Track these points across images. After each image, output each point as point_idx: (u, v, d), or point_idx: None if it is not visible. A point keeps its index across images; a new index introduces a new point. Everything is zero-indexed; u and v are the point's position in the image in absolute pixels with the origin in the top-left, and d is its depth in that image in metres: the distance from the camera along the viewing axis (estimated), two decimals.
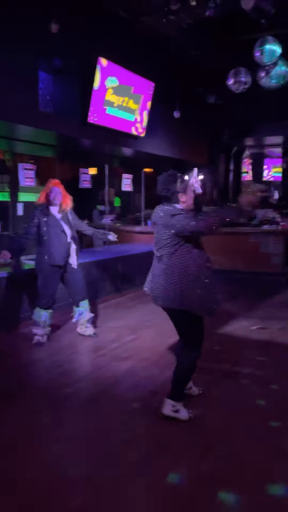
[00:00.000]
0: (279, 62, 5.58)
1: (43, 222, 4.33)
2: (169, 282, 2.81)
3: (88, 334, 4.67)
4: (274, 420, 2.98)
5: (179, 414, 2.95)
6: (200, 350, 2.98)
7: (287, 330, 5.12)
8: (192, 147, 8.97)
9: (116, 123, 6.30)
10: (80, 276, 4.61)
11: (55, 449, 2.64)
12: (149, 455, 2.59)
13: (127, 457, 2.55)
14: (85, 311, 4.65)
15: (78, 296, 4.60)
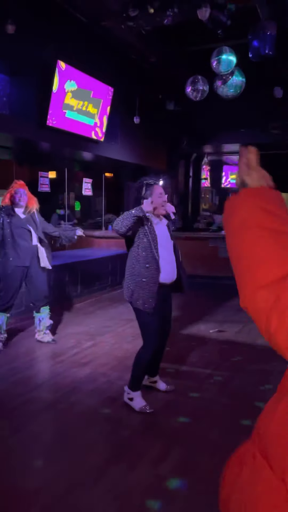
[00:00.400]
0: (236, 72, 5.74)
1: (7, 223, 4.24)
2: (125, 277, 3.15)
3: (47, 340, 4.58)
4: (234, 421, 3.04)
5: (133, 403, 3.16)
6: (151, 349, 3.13)
7: (244, 333, 5.25)
8: (152, 153, 9.06)
9: (76, 127, 6.26)
10: (45, 280, 4.52)
11: (11, 459, 2.57)
12: (108, 460, 2.57)
13: (85, 463, 2.52)
14: (46, 317, 4.57)
15: (40, 301, 4.50)
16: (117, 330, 5.18)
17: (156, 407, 3.23)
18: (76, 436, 2.85)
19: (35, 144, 6.31)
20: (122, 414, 3.13)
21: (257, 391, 3.55)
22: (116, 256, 7.73)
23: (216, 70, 5.38)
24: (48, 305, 4.59)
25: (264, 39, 4.57)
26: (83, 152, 7.12)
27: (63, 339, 4.78)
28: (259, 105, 8.50)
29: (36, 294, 4.48)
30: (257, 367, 4.11)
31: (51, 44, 5.74)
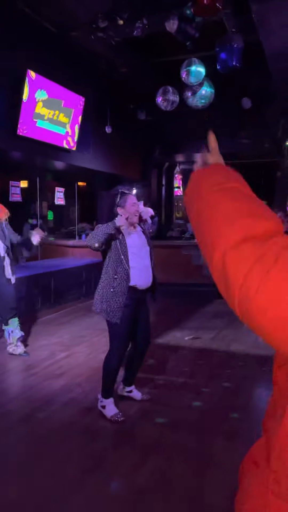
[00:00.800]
0: (205, 83, 5.86)
1: None
2: (96, 289, 3.24)
3: (19, 353, 4.49)
4: (206, 431, 3.05)
5: (105, 410, 3.16)
6: (116, 356, 3.14)
7: (218, 339, 5.31)
8: (124, 162, 9.10)
9: (47, 136, 6.23)
10: (12, 291, 4.44)
11: None
12: (84, 471, 2.53)
13: (62, 476, 2.47)
14: (15, 329, 4.48)
15: (8, 314, 4.42)
16: (92, 340, 5.13)
17: (131, 416, 3.21)
18: (52, 448, 2.80)
19: (6, 153, 6.24)
20: (98, 425, 3.10)
21: (231, 397, 3.59)
22: (91, 265, 7.69)
23: (186, 81, 5.48)
24: (17, 317, 4.49)
25: (231, 51, 4.69)
26: (55, 161, 7.08)
27: (37, 351, 4.70)
28: (228, 115, 8.69)
29: (3, 307, 4.38)
30: (232, 372, 4.15)
31: (20, 53, 5.71)
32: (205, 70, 5.54)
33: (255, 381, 4.01)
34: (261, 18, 4.61)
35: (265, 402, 3.38)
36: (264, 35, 5.03)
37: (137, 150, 9.72)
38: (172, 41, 5.02)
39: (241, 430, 3.03)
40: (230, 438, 2.94)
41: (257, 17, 4.59)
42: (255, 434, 2.83)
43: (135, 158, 9.74)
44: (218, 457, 2.72)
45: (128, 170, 9.41)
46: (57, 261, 7.51)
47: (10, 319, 4.43)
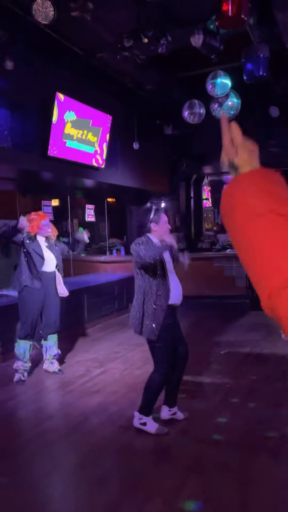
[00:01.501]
0: (231, 94, 5.85)
1: (30, 251, 4.32)
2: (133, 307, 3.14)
3: (52, 370, 4.51)
4: (245, 448, 2.95)
5: (147, 427, 3.11)
6: (162, 375, 3.08)
7: (255, 352, 5.17)
8: (152, 176, 9.15)
9: (76, 155, 6.35)
10: (59, 307, 4.52)
11: (25, 493, 2.50)
12: (122, 493, 2.49)
13: (100, 496, 2.44)
14: (53, 345, 4.52)
15: (50, 329, 4.47)
16: (127, 355, 5.12)
17: (169, 435, 3.15)
18: (90, 468, 2.78)
19: (37, 174, 6.40)
20: (135, 444, 3.06)
21: (273, 414, 3.47)
22: (123, 280, 7.71)
23: (212, 93, 5.48)
24: (57, 334, 4.55)
25: (258, 62, 4.66)
26: (85, 180, 7.20)
27: (72, 367, 4.72)
28: (256, 124, 8.60)
29: (47, 321, 4.45)
30: (272, 388, 4.02)
31: (49, 77, 5.89)
32: (231, 82, 5.53)
33: None
34: (286, 26, 4.58)
35: None
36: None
37: (164, 164, 9.77)
38: (196, 54, 5.04)
39: (283, 448, 2.92)
40: (273, 456, 2.83)
41: (282, 26, 4.56)
42: None
43: (163, 172, 9.78)
44: (260, 475, 2.62)
45: (156, 184, 9.45)
46: (89, 277, 7.58)
47: (50, 334, 4.48)
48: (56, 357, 4.56)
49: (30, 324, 4.32)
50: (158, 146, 9.09)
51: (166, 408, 3.34)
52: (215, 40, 4.55)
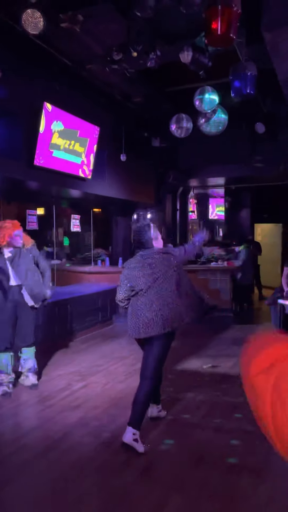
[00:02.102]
0: (218, 110, 5.90)
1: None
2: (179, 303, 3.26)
3: (28, 385, 4.38)
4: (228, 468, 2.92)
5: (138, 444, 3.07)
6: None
7: (238, 367, 5.15)
8: (139, 188, 9.16)
9: (63, 165, 6.32)
10: (30, 320, 4.38)
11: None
12: (106, 511, 2.43)
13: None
14: (29, 358, 4.40)
15: (23, 342, 4.35)
16: (109, 369, 5.05)
17: (151, 452, 3.10)
18: (69, 487, 2.70)
19: (23, 183, 6.34)
20: (116, 461, 2.99)
21: (254, 430, 3.44)
22: (107, 292, 7.65)
23: (199, 108, 5.53)
24: (34, 346, 4.43)
25: (245, 79, 4.73)
26: (71, 190, 7.16)
27: (53, 380, 4.63)
28: (242, 140, 8.74)
29: (18, 335, 4.32)
30: None
31: (37, 87, 5.87)
32: (218, 98, 5.59)
33: None
34: (274, 46, 4.66)
35: None
36: (278, 62, 5.07)
37: (151, 176, 9.80)
38: (184, 70, 5.10)
39: (267, 465, 2.89)
40: (255, 473, 2.80)
41: (270, 45, 4.64)
42: (281, 468, 2.70)
43: (150, 184, 9.81)
44: (243, 493, 2.58)
45: (143, 196, 9.47)
46: (73, 288, 7.51)
47: (25, 347, 4.36)
48: (33, 370, 4.43)
49: (7, 337, 4.21)
50: (145, 158, 9.12)
51: (154, 406, 3.55)
52: (203, 57, 4.60)
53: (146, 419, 3.33)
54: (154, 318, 3.15)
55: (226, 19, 3.59)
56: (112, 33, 4.79)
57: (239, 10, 3.68)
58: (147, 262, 3.27)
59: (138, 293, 3.24)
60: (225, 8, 3.57)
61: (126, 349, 5.99)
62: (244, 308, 9.20)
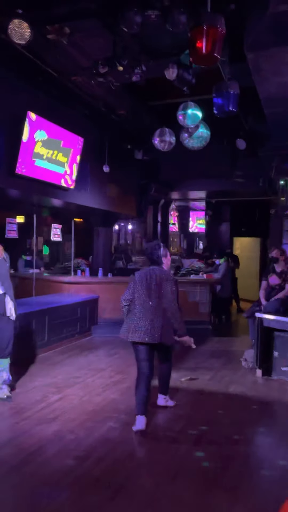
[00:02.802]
0: (201, 125, 6.00)
1: None
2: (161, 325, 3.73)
3: (2, 397, 4.28)
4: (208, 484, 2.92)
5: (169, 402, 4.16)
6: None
7: (216, 380, 5.18)
8: (121, 199, 9.19)
9: (45, 175, 6.30)
10: (9, 331, 4.29)
11: None
12: None
13: None
14: (3, 370, 4.29)
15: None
16: (86, 381, 5.00)
17: (127, 467, 3.08)
18: (43, 502, 2.65)
19: (3, 191, 6.28)
20: (91, 476, 2.95)
21: (231, 445, 3.46)
22: (86, 302, 7.61)
23: (182, 123, 5.61)
24: (8, 358, 4.33)
25: (228, 97, 4.83)
26: (53, 199, 7.13)
27: (29, 393, 4.54)
28: (223, 155, 8.89)
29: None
30: (231, 417, 4.02)
31: (22, 96, 5.87)
32: (201, 113, 5.68)
33: (256, 426, 3.89)
34: (256, 66, 4.80)
35: (267, 449, 3.27)
36: (259, 81, 5.22)
37: (133, 187, 9.86)
38: (169, 85, 5.19)
39: (242, 481, 2.90)
40: (230, 490, 2.80)
41: (252, 65, 4.78)
42: (255, 484, 2.73)
43: (132, 195, 9.86)
44: (219, 510, 2.58)
45: (125, 207, 9.50)
46: (51, 298, 7.43)
47: (1, 359, 4.27)
48: (7, 382, 4.33)
49: None
50: (128, 170, 9.18)
51: (161, 396, 4.17)
52: (187, 74, 4.69)
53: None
54: (140, 327, 3.68)
55: (210, 39, 3.68)
56: (99, 46, 4.85)
57: (224, 30, 3.78)
58: (149, 276, 3.78)
59: (135, 300, 3.77)
60: (210, 28, 3.66)
61: (104, 361, 5.94)
62: (222, 320, 9.27)
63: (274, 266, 5.97)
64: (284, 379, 5.17)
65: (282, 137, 7.48)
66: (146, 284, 3.76)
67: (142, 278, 3.81)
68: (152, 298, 3.74)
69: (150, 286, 3.75)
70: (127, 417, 3.94)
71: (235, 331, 8.60)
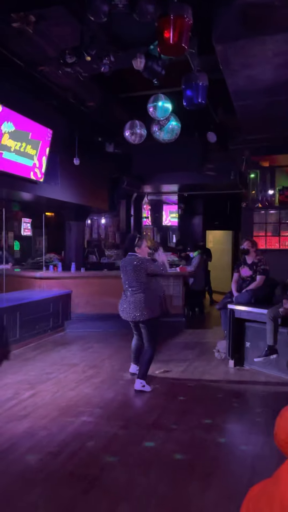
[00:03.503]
0: (171, 118, 5.98)
1: None
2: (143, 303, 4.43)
3: None
4: (182, 472, 2.93)
5: (145, 388, 4.44)
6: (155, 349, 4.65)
7: (189, 372, 5.22)
8: (93, 193, 9.09)
9: (13, 167, 6.15)
10: None
11: None
12: None
13: None
14: None
15: None
16: (59, 376, 4.94)
17: (101, 460, 3.06)
18: (15, 499, 2.60)
19: None
20: (64, 471, 2.92)
21: (204, 434, 3.49)
22: (58, 297, 7.52)
23: (153, 116, 5.57)
24: None
25: (197, 89, 4.82)
26: (22, 193, 6.98)
27: (0, 390, 4.46)
28: (194, 148, 8.92)
29: None
30: (204, 407, 4.06)
31: None
32: (171, 106, 5.66)
33: (228, 415, 3.94)
34: (225, 58, 4.80)
35: (238, 437, 3.31)
36: (228, 74, 5.22)
37: (105, 181, 9.77)
38: (139, 77, 5.14)
39: (215, 468, 2.93)
40: (204, 477, 2.83)
41: (221, 57, 4.77)
42: (227, 471, 2.74)
43: (104, 189, 9.77)
44: (191, 499, 2.60)
45: (97, 200, 9.41)
46: (23, 294, 7.30)
47: None
48: None
49: None
50: (99, 163, 9.09)
51: (138, 381, 4.48)
52: (157, 65, 4.65)
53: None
54: (123, 308, 4.55)
55: (178, 29, 3.65)
56: (66, 35, 4.74)
57: (191, 20, 3.75)
58: (125, 264, 4.51)
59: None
60: (177, 18, 3.63)
61: (77, 356, 5.89)
62: (196, 313, 9.35)
63: (245, 258, 6.04)
64: (256, 369, 5.26)
65: (251, 130, 7.55)
66: (124, 271, 4.52)
67: (122, 266, 4.59)
68: (128, 282, 4.48)
69: (126, 272, 4.48)
70: (101, 411, 3.92)
71: (208, 323, 8.70)
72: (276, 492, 0.97)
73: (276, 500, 0.95)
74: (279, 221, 8.69)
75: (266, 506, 0.98)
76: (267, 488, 1.04)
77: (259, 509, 0.99)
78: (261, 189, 8.93)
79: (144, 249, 4.55)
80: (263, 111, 6.41)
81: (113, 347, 6.28)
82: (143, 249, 4.54)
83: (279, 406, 1.29)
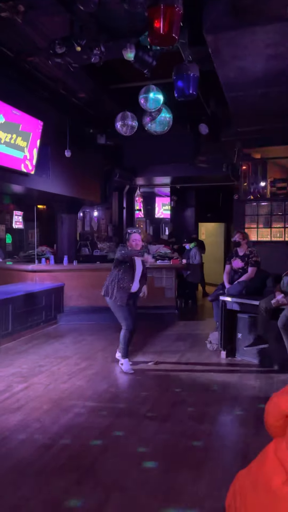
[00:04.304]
0: (163, 109, 5.95)
1: None
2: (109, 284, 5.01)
3: None
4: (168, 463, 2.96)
5: (123, 366, 4.87)
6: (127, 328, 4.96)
7: (182, 362, 5.26)
8: (85, 185, 9.05)
9: (4, 159, 6.09)
10: None
11: None
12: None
13: None
14: None
15: None
16: (52, 369, 4.95)
17: (93, 451, 3.08)
18: (8, 491, 2.61)
19: None
20: (57, 463, 2.94)
21: (195, 425, 3.52)
22: (51, 290, 7.50)
23: (144, 107, 5.54)
24: None
25: (188, 80, 4.79)
26: (13, 185, 6.92)
27: None
28: (186, 140, 8.89)
29: None
30: (195, 398, 4.09)
31: None
32: (163, 97, 5.63)
33: (220, 405, 3.97)
34: (216, 49, 4.77)
35: (229, 427, 3.34)
36: (219, 65, 5.20)
37: (97, 173, 9.72)
38: (130, 67, 5.10)
39: (206, 458, 2.96)
40: (195, 466, 2.86)
41: (212, 48, 4.75)
42: (218, 460, 2.77)
43: (96, 181, 9.73)
44: (183, 489, 2.63)
45: (89, 193, 9.37)
46: (15, 287, 7.27)
47: None
48: None
49: None
50: (91, 155, 9.03)
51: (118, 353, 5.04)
52: (147, 55, 4.61)
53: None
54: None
55: (168, 19, 3.62)
56: (55, 25, 4.68)
57: (181, 10, 3.72)
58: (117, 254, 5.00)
59: None
60: (167, 8, 3.60)
61: (70, 348, 5.90)
62: (189, 305, 9.39)
63: (237, 250, 6.06)
64: (247, 360, 5.30)
65: (243, 122, 7.54)
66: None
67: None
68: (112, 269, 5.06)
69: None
70: (93, 403, 3.94)
71: (200, 314, 8.74)
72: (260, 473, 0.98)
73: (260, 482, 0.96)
74: (271, 213, 8.72)
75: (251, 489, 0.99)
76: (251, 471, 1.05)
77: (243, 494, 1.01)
78: (253, 181, 8.94)
79: (131, 243, 5.01)
80: (254, 103, 6.39)
81: (106, 340, 6.30)
82: (130, 242, 5.03)
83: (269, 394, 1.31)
